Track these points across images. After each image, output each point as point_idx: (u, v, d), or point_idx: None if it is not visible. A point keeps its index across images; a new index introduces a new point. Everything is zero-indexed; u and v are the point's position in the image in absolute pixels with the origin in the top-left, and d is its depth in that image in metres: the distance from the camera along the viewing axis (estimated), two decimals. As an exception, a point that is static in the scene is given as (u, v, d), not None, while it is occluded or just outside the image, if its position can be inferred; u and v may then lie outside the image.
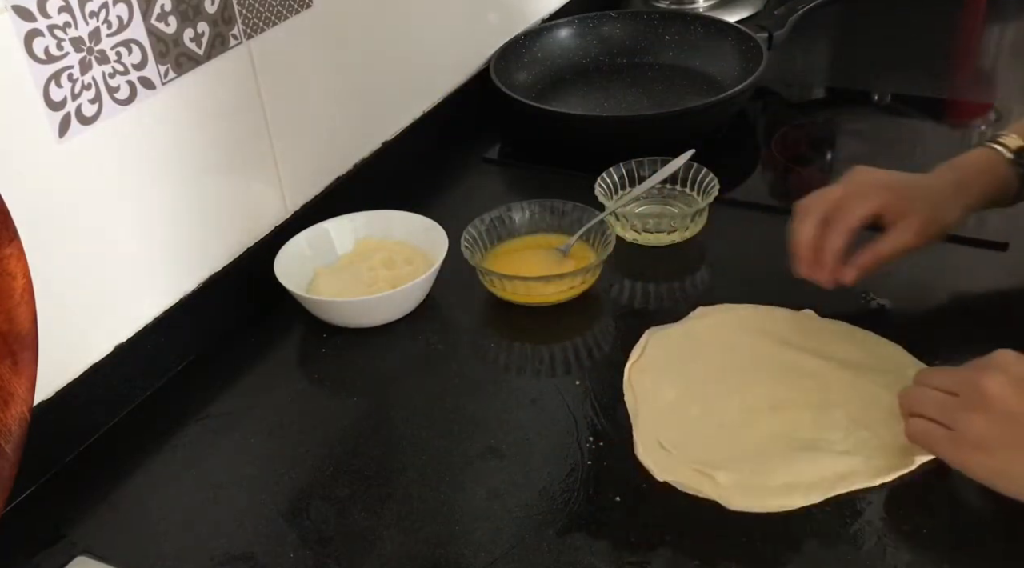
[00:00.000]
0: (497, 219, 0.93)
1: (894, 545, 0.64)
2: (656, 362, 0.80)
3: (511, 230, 0.94)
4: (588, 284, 0.88)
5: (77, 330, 0.76)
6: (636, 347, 0.82)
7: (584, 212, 0.93)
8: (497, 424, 0.77)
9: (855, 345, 0.80)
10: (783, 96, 1.24)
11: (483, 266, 0.88)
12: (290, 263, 0.89)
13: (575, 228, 0.92)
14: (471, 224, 0.91)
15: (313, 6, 0.91)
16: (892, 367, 0.77)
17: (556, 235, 0.94)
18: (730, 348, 0.81)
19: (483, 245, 0.92)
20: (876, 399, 0.74)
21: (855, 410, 0.73)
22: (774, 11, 1.29)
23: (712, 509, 0.68)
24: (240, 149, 0.88)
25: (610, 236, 0.89)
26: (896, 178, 0.81)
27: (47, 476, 0.75)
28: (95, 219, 0.75)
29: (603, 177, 0.97)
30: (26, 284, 0.64)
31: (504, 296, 0.89)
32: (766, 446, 0.71)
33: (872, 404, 0.73)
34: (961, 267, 0.89)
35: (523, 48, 1.23)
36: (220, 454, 0.77)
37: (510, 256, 0.92)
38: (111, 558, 0.68)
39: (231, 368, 0.85)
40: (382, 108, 1.06)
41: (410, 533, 0.68)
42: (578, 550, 0.66)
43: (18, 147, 0.68)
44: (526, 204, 0.94)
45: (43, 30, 0.67)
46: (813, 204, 0.80)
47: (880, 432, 0.71)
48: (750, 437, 0.72)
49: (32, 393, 0.66)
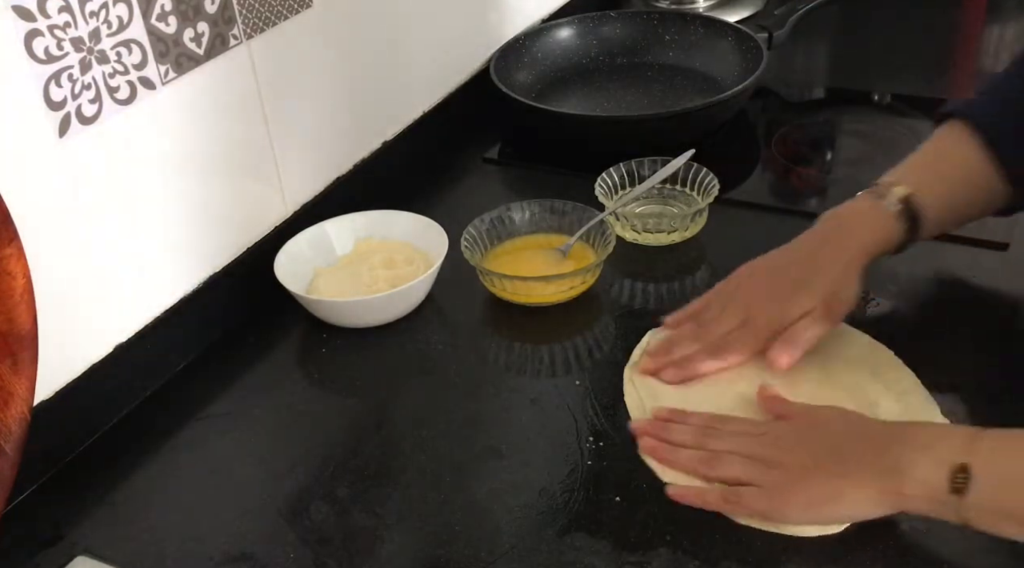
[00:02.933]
0: (497, 219, 0.93)
1: (895, 545, 0.64)
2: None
3: (511, 230, 0.94)
4: (588, 284, 0.88)
5: (77, 330, 0.76)
6: (637, 348, 0.82)
7: (584, 212, 0.92)
8: (497, 424, 0.77)
9: (854, 347, 0.79)
10: (783, 96, 1.24)
11: (483, 266, 0.88)
12: (290, 263, 0.89)
13: (575, 228, 0.92)
14: (471, 224, 0.91)
15: (313, 6, 0.91)
16: (890, 376, 0.77)
17: (556, 235, 0.93)
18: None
19: (483, 245, 0.92)
20: (875, 404, 0.74)
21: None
22: (774, 11, 1.29)
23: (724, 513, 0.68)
24: (240, 149, 0.88)
25: (610, 236, 0.89)
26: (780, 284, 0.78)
27: (47, 476, 0.75)
28: (95, 219, 0.75)
29: (603, 177, 0.97)
30: (26, 284, 0.64)
31: (504, 296, 0.88)
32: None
33: (872, 408, 0.73)
34: (961, 267, 0.89)
35: (523, 48, 1.23)
36: (220, 454, 0.77)
37: (510, 256, 0.92)
38: (111, 558, 0.68)
39: (231, 368, 0.85)
40: (382, 108, 1.06)
41: (410, 533, 0.68)
42: (578, 550, 0.66)
43: (18, 147, 0.68)
44: (526, 204, 0.94)
45: (43, 30, 0.67)
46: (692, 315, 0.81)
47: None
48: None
49: (32, 393, 0.66)
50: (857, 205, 0.80)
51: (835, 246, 0.79)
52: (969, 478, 0.58)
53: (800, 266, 0.79)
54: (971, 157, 0.79)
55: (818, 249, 0.79)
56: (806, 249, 0.80)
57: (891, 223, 0.78)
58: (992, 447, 0.60)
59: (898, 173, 0.81)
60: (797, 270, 0.78)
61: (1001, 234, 0.91)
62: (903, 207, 0.78)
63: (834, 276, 0.77)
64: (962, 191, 0.80)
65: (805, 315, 0.76)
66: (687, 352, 0.79)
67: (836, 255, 0.78)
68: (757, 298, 0.79)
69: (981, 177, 0.80)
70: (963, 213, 0.82)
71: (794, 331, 0.76)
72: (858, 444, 0.65)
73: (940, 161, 0.81)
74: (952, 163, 0.81)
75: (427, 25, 1.09)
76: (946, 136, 0.81)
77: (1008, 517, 0.59)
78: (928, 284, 0.88)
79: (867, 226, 0.79)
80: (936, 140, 0.82)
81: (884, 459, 0.62)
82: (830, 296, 0.76)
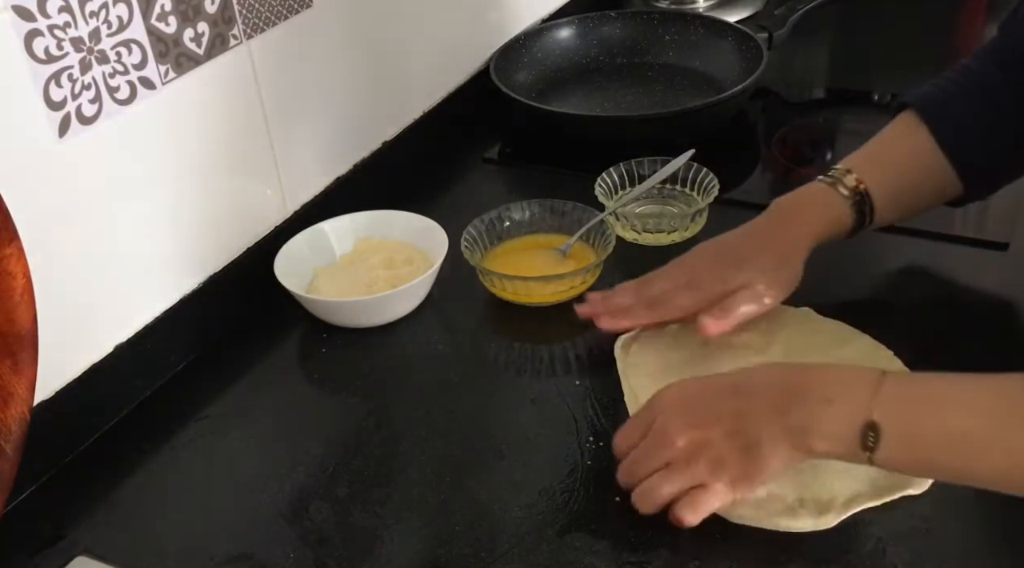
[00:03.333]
0: (496, 219, 0.93)
1: (894, 545, 0.64)
2: (656, 362, 0.80)
3: (511, 230, 0.94)
4: (588, 284, 0.88)
5: (77, 330, 0.76)
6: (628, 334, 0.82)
7: (584, 212, 0.92)
8: (497, 424, 0.77)
9: (853, 347, 0.79)
10: (783, 96, 1.24)
11: (483, 266, 0.88)
12: (290, 263, 0.89)
13: (575, 228, 0.92)
14: (471, 224, 0.91)
15: (313, 6, 0.91)
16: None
17: (556, 235, 0.94)
18: (731, 347, 0.80)
19: (483, 245, 0.92)
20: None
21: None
22: (774, 11, 1.29)
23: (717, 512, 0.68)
24: (240, 149, 0.88)
25: (610, 236, 0.89)
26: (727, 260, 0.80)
27: (47, 476, 0.75)
28: (95, 219, 0.75)
29: (603, 177, 0.97)
30: (26, 284, 0.64)
31: (504, 296, 0.88)
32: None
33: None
34: (961, 267, 0.89)
35: (523, 48, 1.23)
36: (220, 454, 0.77)
37: (510, 256, 0.92)
38: (111, 558, 0.68)
39: (231, 368, 0.85)
40: (382, 108, 1.06)
41: (410, 533, 0.68)
42: (578, 550, 0.66)
43: (18, 147, 0.68)
44: (526, 204, 0.94)
45: (43, 30, 0.67)
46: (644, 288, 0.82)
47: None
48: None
49: (32, 393, 0.66)
50: (810, 189, 0.82)
51: (785, 228, 0.81)
52: (879, 437, 0.59)
53: (749, 243, 0.81)
54: (922, 147, 0.82)
55: (768, 229, 0.81)
56: (758, 229, 0.82)
57: (842, 209, 0.80)
58: (896, 399, 0.60)
59: (851, 161, 0.83)
60: (746, 246, 0.81)
61: (1001, 234, 0.91)
62: (854, 194, 0.80)
63: (780, 254, 0.79)
64: (913, 180, 0.82)
65: (745, 288, 0.77)
66: (624, 303, 0.81)
67: (785, 236, 0.80)
68: (702, 265, 0.81)
69: (932, 167, 0.82)
70: (914, 202, 0.84)
71: (730, 301, 0.78)
72: (761, 404, 0.64)
73: (893, 150, 0.83)
74: (904, 152, 0.83)
75: (427, 25, 1.09)
76: (900, 125, 0.84)
77: (915, 464, 0.62)
78: (928, 284, 0.88)
79: (818, 211, 0.81)
80: (890, 129, 0.84)
81: (789, 419, 0.62)
82: (773, 274, 0.78)
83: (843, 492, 0.67)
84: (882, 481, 0.68)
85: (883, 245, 0.90)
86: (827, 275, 0.87)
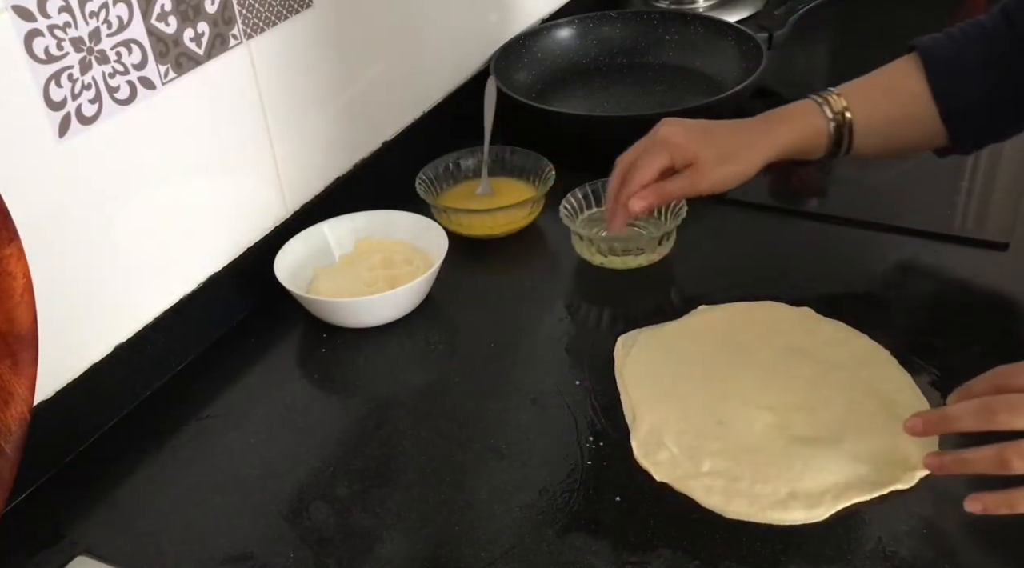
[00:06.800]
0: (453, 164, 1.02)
1: (894, 544, 0.64)
2: (655, 361, 0.80)
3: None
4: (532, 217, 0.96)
5: (77, 330, 0.76)
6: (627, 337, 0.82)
7: (527, 156, 1.02)
8: (497, 424, 0.77)
9: (851, 347, 0.80)
10: (783, 96, 1.23)
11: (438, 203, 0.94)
12: (290, 263, 0.89)
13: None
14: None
15: (313, 6, 0.91)
16: (888, 376, 0.77)
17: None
18: (730, 346, 0.81)
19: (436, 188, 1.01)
20: (871, 404, 0.74)
21: (851, 412, 0.73)
22: (774, 11, 1.29)
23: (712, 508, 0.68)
24: (240, 149, 0.88)
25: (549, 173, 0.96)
26: (694, 127, 0.84)
27: (47, 476, 0.75)
28: (95, 219, 0.75)
29: (567, 198, 0.95)
30: (26, 284, 0.64)
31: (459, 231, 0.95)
32: (764, 448, 0.71)
33: (869, 408, 0.73)
34: (961, 267, 0.89)
35: (523, 48, 1.23)
36: (220, 454, 0.77)
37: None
38: (111, 558, 0.68)
39: (231, 368, 0.85)
40: (382, 108, 1.06)
41: (410, 533, 0.68)
42: (578, 550, 0.66)
43: (18, 147, 0.68)
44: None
45: (43, 30, 0.67)
46: (619, 161, 0.86)
47: (879, 438, 0.71)
48: (748, 438, 0.72)
49: (32, 393, 0.66)
50: (798, 103, 0.85)
51: (762, 127, 0.84)
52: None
53: (723, 127, 0.85)
54: (913, 89, 0.83)
55: (745, 124, 0.85)
56: (737, 122, 0.85)
57: (822, 127, 0.83)
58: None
59: (845, 87, 0.85)
60: (718, 129, 0.84)
61: (1001, 234, 0.91)
62: (837, 117, 0.83)
63: (743, 144, 0.83)
64: (898, 119, 0.84)
65: (694, 166, 0.81)
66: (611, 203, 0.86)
67: (757, 133, 0.84)
68: (672, 126, 0.85)
69: (920, 112, 0.83)
70: (896, 141, 0.85)
71: (662, 184, 0.82)
72: None
73: (886, 87, 0.85)
74: (896, 91, 0.85)
75: (427, 25, 1.09)
76: (900, 65, 0.85)
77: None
78: (927, 284, 0.88)
79: (798, 123, 0.84)
80: (891, 67, 0.86)
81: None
82: (726, 157, 0.82)
83: (834, 486, 0.68)
84: (873, 475, 0.68)
85: (883, 245, 0.91)
86: (827, 275, 0.87)
